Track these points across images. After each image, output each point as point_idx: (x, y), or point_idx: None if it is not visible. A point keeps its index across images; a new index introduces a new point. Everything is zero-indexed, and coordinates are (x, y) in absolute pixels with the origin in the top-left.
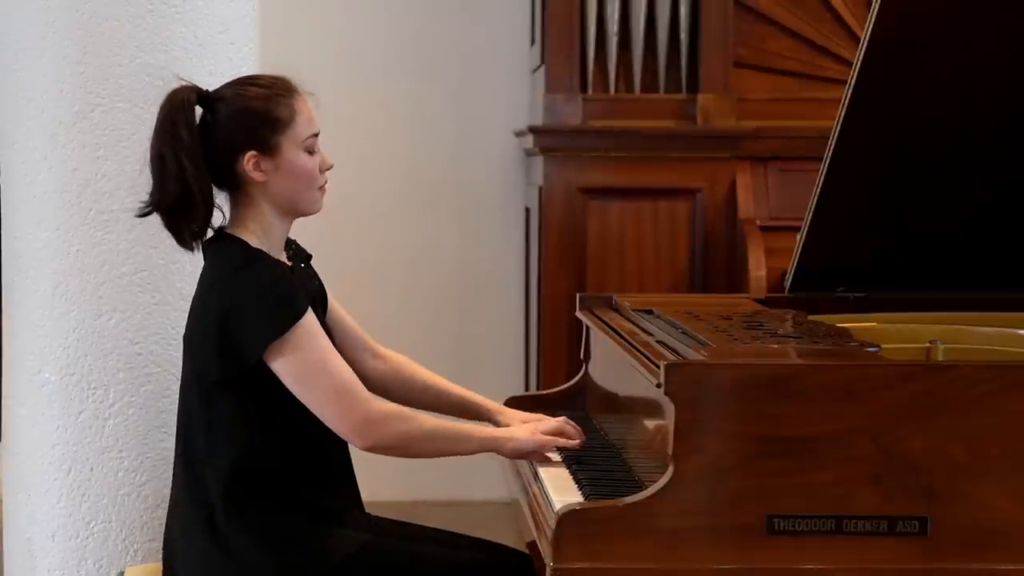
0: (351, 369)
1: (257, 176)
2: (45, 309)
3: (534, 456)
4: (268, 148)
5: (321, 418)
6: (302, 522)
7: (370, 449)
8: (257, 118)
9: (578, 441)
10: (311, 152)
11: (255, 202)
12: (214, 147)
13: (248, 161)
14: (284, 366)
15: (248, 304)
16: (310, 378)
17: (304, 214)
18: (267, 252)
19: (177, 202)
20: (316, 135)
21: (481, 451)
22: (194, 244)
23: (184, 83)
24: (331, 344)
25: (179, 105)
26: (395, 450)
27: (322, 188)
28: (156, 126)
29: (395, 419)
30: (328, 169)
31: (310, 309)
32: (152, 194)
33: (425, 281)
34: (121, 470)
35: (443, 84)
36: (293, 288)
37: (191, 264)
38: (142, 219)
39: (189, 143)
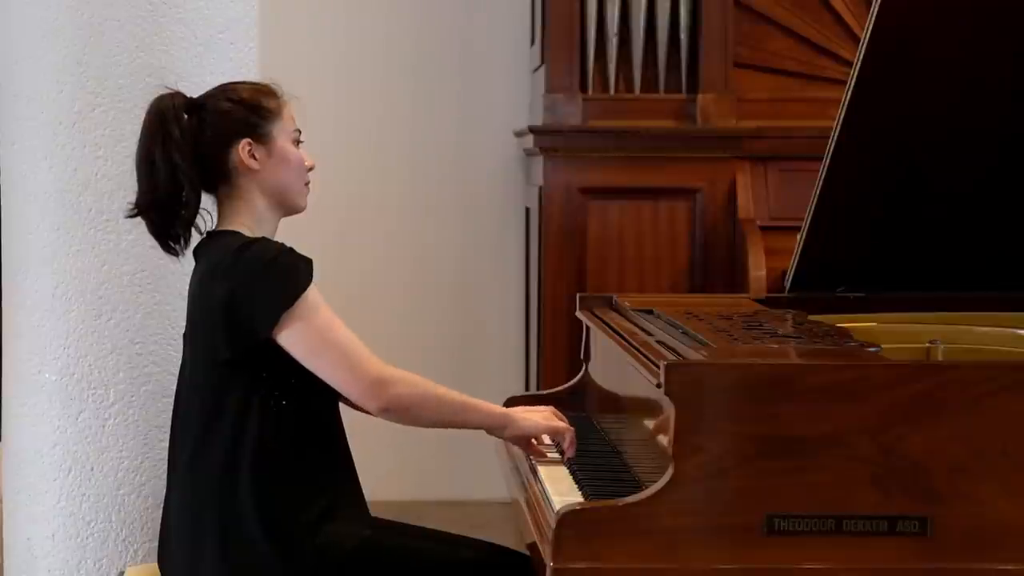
0: (358, 338)
1: (252, 164)
2: (45, 309)
3: (530, 447)
4: (262, 136)
5: (333, 384)
6: (307, 515)
7: (383, 411)
8: (249, 108)
9: (570, 453)
10: (296, 146)
11: (246, 194)
12: (204, 144)
13: (243, 148)
14: (293, 338)
15: (255, 279)
16: (319, 346)
17: (292, 208)
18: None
19: (166, 199)
20: (299, 132)
21: (489, 425)
22: (179, 248)
23: (169, 90)
24: (334, 314)
25: (167, 107)
26: (407, 412)
27: (307, 184)
28: (144, 129)
29: (407, 381)
30: (311, 169)
31: (314, 281)
32: (140, 194)
33: (425, 281)
34: (121, 470)
35: (443, 84)
36: (296, 259)
37: (191, 264)
38: (142, 220)
39: (180, 140)
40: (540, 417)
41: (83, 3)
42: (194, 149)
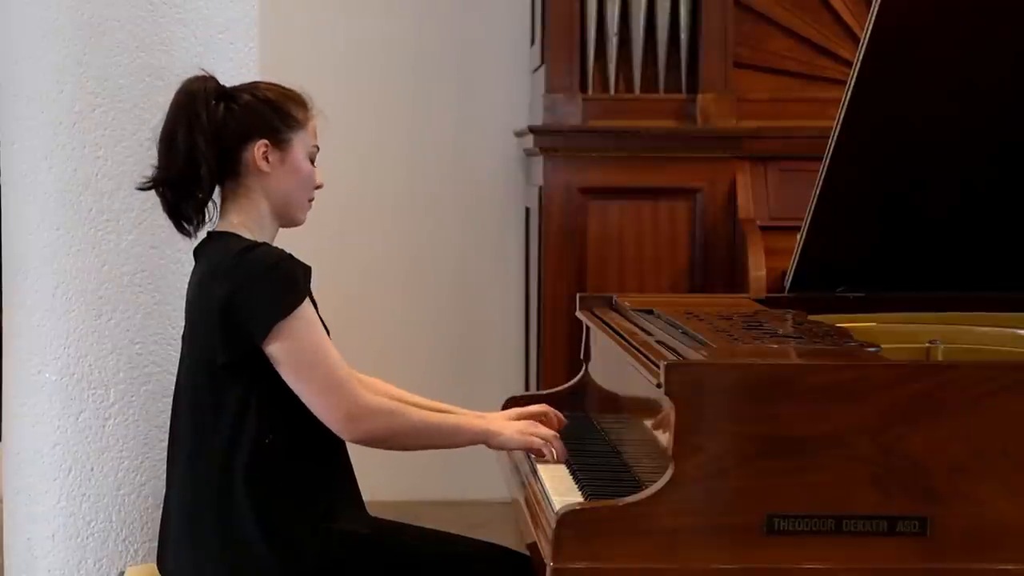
0: (343, 361)
1: (263, 166)
2: (45, 309)
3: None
4: (280, 141)
5: (309, 407)
6: (305, 515)
7: (356, 441)
8: (275, 111)
9: (560, 458)
10: (311, 161)
11: (251, 194)
12: (224, 134)
13: (258, 149)
14: (281, 353)
15: (253, 284)
16: (304, 368)
17: (291, 221)
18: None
19: (179, 179)
20: (317, 148)
21: (469, 444)
22: (191, 229)
23: (203, 72)
24: (325, 334)
25: (199, 90)
26: (381, 443)
27: (310, 201)
28: (171, 107)
29: (382, 414)
30: (318, 187)
31: (308, 298)
32: (158, 169)
33: (425, 281)
34: (121, 470)
35: (443, 84)
36: (296, 269)
37: (191, 264)
38: (142, 220)
39: (205, 124)
40: (516, 431)
41: (83, 3)
42: (215, 138)
